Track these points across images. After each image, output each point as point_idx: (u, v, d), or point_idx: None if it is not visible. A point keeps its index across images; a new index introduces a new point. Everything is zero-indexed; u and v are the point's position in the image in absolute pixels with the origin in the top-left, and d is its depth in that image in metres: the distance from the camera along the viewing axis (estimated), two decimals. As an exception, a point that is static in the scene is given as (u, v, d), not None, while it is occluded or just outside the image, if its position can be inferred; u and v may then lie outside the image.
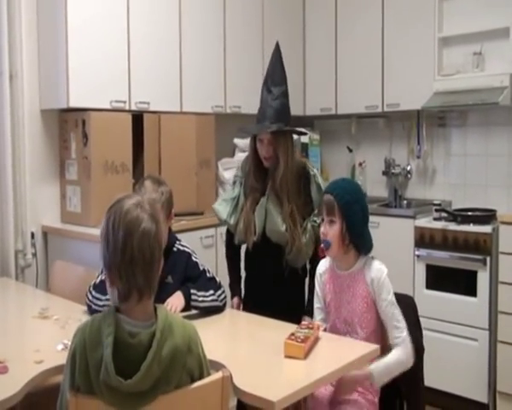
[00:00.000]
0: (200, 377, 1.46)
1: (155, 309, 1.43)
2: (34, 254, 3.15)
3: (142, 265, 1.37)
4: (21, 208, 3.08)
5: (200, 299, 2.23)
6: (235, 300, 2.58)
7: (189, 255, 2.36)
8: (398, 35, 3.95)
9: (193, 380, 1.45)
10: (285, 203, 2.40)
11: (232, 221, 2.52)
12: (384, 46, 4.03)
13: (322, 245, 2.10)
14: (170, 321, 1.41)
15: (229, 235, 2.62)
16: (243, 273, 2.65)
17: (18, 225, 3.08)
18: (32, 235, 3.15)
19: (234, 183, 2.62)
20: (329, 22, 4.31)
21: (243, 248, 2.62)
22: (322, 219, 2.10)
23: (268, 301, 2.38)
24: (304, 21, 4.48)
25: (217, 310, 2.27)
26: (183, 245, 2.39)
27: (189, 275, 2.31)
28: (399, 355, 1.98)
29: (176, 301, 2.17)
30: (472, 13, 3.67)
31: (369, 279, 2.05)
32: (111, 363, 1.30)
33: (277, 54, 2.52)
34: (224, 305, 2.32)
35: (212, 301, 2.26)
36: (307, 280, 2.51)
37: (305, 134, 2.82)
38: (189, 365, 1.43)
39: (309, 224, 2.42)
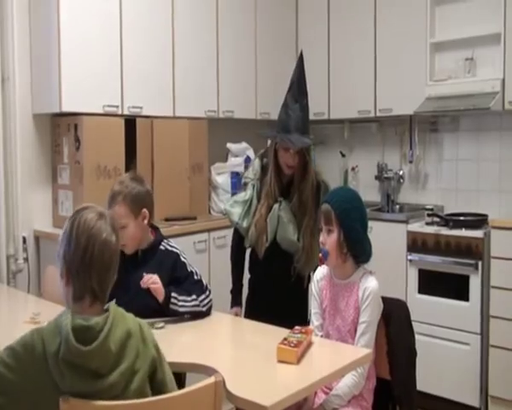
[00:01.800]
0: (158, 357, 1.51)
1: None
2: (26, 259, 3.13)
3: (99, 269, 1.44)
4: (13, 213, 3.07)
5: (180, 304, 2.20)
6: (235, 310, 2.58)
7: (177, 256, 2.33)
8: (391, 40, 3.97)
9: (152, 366, 1.48)
10: (308, 216, 2.43)
11: (245, 224, 2.51)
12: (376, 51, 4.05)
13: (320, 254, 2.10)
14: (121, 311, 1.48)
15: (237, 237, 2.61)
16: (247, 275, 2.65)
17: (10, 230, 3.06)
18: (24, 240, 3.13)
19: (245, 184, 2.60)
20: (322, 27, 4.32)
21: (248, 250, 2.62)
22: (321, 229, 2.11)
23: (271, 307, 2.40)
24: (296, 26, 4.49)
25: (198, 315, 2.24)
26: (171, 245, 2.37)
27: (176, 276, 2.29)
28: (352, 387, 2.01)
29: (155, 280, 2.18)
30: (464, 19, 3.70)
31: (361, 292, 2.06)
32: (70, 333, 1.35)
33: (302, 63, 2.54)
34: (208, 310, 2.28)
35: (194, 306, 2.23)
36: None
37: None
38: (144, 345, 1.47)
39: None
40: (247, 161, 3.83)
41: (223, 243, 3.45)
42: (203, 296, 2.27)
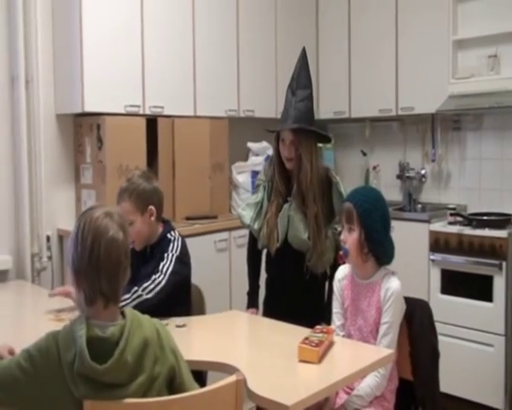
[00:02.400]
0: (177, 365, 1.48)
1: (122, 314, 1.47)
2: (50, 258, 3.18)
3: (107, 269, 1.41)
4: (37, 212, 3.11)
5: (123, 304, 2.05)
6: (251, 311, 2.58)
7: (168, 241, 2.32)
8: (413, 38, 3.93)
9: (171, 372, 1.46)
10: (311, 205, 2.40)
11: (256, 226, 2.51)
12: (398, 49, 4.02)
13: (341, 252, 2.10)
14: (138, 317, 1.46)
15: (252, 239, 2.62)
16: (264, 275, 2.65)
17: (34, 229, 3.11)
18: (48, 238, 3.17)
19: (257, 186, 2.61)
20: (343, 25, 4.30)
21: (264, 251, 2.62)
22: (343, 227, 2.10)
23: (287, 306, 2.40)
24: (317, 25, 4.48)
25: (145, 303, 2.11)
26: (172, 234, 2.36)
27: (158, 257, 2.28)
28: (374, 387, 2.00)
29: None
30: (487, 15, 3.65)
31: (383, 293, 2.05)
32: (85, 349, 1.32)
33: (303, 59, 2.55)
34: (158, 293, 2.16)
35: (134, 299, 2.12)
36: (326, 286, 2.51)
37: (329, 140, 2.72)
38: (162, 353, 1.45)
39: (329, 231, 2.44)
40: (268, 160, 3.83)
41: (243, 242, 3.44)
42: (146, 283, 2.17)
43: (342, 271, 2.22)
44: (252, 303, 2.61)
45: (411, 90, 3.94)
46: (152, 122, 3.30)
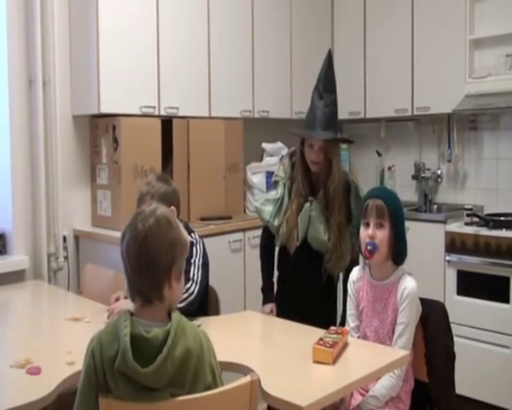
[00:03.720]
0: (214, 384, 1.46)
1: (169, 315, 1.45)
2: (66, 258, 3.21)
3: (139, 269, 1.39)
4: (54, 212, 3.14)
5: None
6: (270, 307, 2.57)
7: (191, 244, 2.32)
8: (429, 37, 3.90)
9: (207, 388, 1.44)
10: (336, 212, 2.43)
11: (276, 223, 2.51)
12: (414, 48, 3.99)
13: (369, 248, 2.04)
14: (183, 324, 1.42)
15: (267, 235, 2.62)
16: (275, 272, 2.66)
17: (50, 229, 3.14)
18: (64, 238, 3.20)
19: (275, 183, 2.60)
20: (358, 25, 4.28)
21: (277, 249, 2.63)
22: (367, 224, 2.07)
23: (301, 306, 2.40)
24: (332, 24, 4.46)
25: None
26: (192, 236, 2.38)
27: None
28: (389, 389, 1.99)
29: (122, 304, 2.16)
30: (504, 14, 3.61)
31: (400, 294, 2.04)
32: (129, 349, 1.32)
33: (329, 61, 2.53)
34: (190, 304, 2.19)
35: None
36: (341, 288, 2.52)
37: (352, 142, 2.84)
38: (201, 369, 1.43)
39: (347, 234, 2.45)
40: (285, 157, 3.83)
41: (258, 242, 3.41)
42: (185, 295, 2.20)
43: (357, 272, 2.21)
44: (268, 299, 2.60)
45: (427, 89, 3.91)
46: (167, 123, 3.31)
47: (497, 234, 3.32)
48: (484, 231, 3.39)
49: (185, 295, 2.21)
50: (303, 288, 2.50)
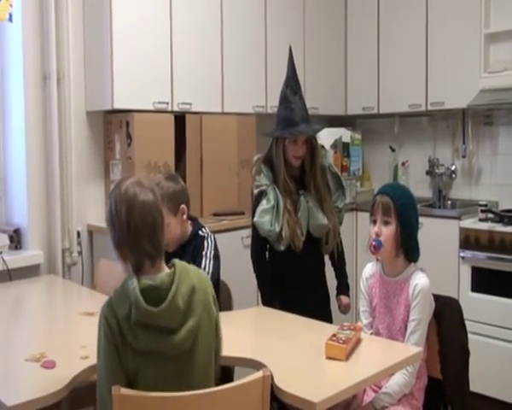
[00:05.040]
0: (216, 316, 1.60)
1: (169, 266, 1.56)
2: (80, 253, 3.23)
3: (146, 233, 1.49)
4: (68, 208, 3.16)
5: None
6: None
7: (202, 238, 2.38)
8: (443, 31, 3.87)
9: (214, 321, 1.58)
10: (326, 195, 2.54)
11: (277, 228, 2.48)
12: (428, 43, 3.96)
13: (374, 243, 2.05)
14: (186, 267, 1.55)
15: (259, 247, 2.58)
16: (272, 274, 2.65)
17: (65, 224, 3.16)
18: (78, 234, 3.23)
19: (260, 193, 2.53)
20: (371, 19, 4.26)
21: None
22: (374, 221, 2.08)
23: (303, 298, 2.47)
24: (345, 19, 4.44)
25: None
26: (203, 231, 2.42)
27: (194, 255, 2.35)
28: (402, 385, 1.98)
29: None
30: (520, 8, 3.57)
31: (411, 290, 2.03)
32: (140, 297, 1.41)
33: (292, 58, 2.62)
34: None
35: None
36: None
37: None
38: (208, 302, 1.56)
39: (333, 209, 2.59)
40: (257, 165, 3.80)
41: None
42: None
43: (370, 269, 2.20)
44: (274, 305, 2.50)
45: (442, 84, 3.88)
46: (180, 119, 3.32)
47: (513, 230, 3.29)
48: (499, 228, 3.36)
49: None
50: (305, 280, 2.55)
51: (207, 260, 2.34)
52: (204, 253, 2.35)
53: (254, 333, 2.11)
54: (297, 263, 2.53)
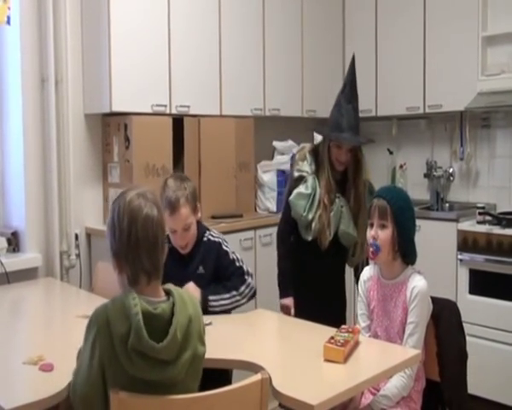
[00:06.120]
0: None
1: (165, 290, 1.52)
2: (78, 255, 3.22)
3: (146, 248, 1.46)
4: (66, 210, 3.16)
5: (218, 304, 2.28)
6: (288, 301, 2.61)
7: (219, 244, 2.39)
8: (441, 34, 3.88)
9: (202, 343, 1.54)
10: (365, 211, 2.52)
11: (310, 217, 2.56)
12: (426, 46, 3.97)
13: (371, 249, 2.07)
14: (181, 294, 1.51)
15: (287, 229, 2.66)
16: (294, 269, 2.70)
17: (63, 227, 3.15)
18: (76, 236, 3.22)
19: (301, 178, 2.62)
20: (369, 22, 4.26)
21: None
22: (371, 224, 2.09)
23: (322, 299, 2.55)
24: (343, 22, 4.45)
25: (239, 306, 2.34)
26: (213, 235, 2.42)
27: (219, 264, 2.36)
28: (400, 388, 1.99)
29: (193, 291, 2.22)
30: (518, 11, 3.58)
31: (409, 292, 2.03)
32: (142, 328, 1.37)
33: (354, 67, 2.61)
34: (251, 297, 2.38)
35: (232, 302, 2.32)
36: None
37: (373, 141, 2.93)
38: (201, 329, 1.54)
39: None
40: (294, 159, 3.82)
41: (269, 240, 3.45)
42: (243, 288, 2.34)
43: (367, 272, 2.21)
44: (286, 293, 2.63)
45: (439, 87, 3.89)
46: (178, 121, 3.32)
47: (510, 233, 3.29)
48: (496, 230, 3.36)
49: (246, 291, 2.35)
50: (325, 282, 2.62)
51: (240, 262, 2.39)
52: (231, 257, 2.38)
53: (253, 336, 2.11)
54: (319, 259, 2.58)
